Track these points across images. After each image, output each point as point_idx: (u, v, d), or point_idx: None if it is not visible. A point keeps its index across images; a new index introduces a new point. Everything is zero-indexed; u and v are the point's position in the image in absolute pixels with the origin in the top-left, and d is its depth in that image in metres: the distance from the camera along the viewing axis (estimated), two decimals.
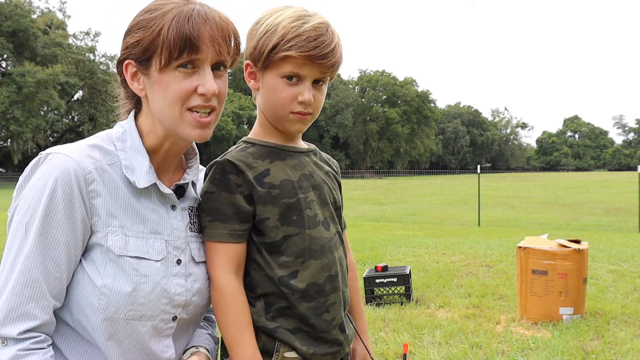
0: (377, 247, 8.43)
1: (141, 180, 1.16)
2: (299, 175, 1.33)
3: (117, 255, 1.11)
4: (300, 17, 1.26)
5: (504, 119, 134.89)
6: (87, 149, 1.14)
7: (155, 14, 1.13)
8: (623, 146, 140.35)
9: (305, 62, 1.25)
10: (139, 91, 1.18)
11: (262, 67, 1.29)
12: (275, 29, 1.25)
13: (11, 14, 48.12)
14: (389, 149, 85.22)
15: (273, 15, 1.29)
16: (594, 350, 3.79)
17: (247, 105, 68.73)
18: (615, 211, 18.27)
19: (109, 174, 1.14)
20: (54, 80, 47.48)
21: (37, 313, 1.05)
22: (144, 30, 1.13)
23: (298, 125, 1.33)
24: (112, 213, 1.13)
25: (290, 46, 1.23)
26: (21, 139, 48.80)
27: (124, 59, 1.17)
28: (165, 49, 1.10)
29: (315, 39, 1.24)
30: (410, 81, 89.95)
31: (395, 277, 5.11)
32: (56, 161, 1.09)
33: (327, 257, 1.32)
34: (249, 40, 1.31)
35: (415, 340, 4.05)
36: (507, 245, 8.35)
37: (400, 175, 58.36)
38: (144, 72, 1.15)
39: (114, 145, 1.19)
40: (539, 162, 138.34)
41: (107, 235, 1.12)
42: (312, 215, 1.32)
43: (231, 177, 1.26)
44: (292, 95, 1.28)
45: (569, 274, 4.32)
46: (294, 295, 1.27)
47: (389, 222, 15.29)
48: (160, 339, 1.19)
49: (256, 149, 1.33)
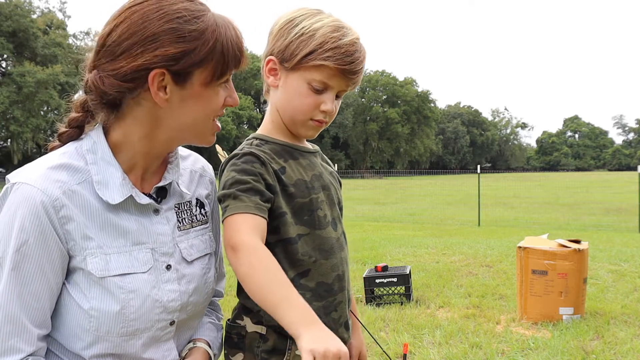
0: (377, 247, 8.43)
1: (115, 195, 1.11)
2: (311, 175, 1.33)
3: (99, 277, 1.08)
4: (340, 29, 1.25)
5: (504, 119, 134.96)
6: (51, 171, 1.08)
7: (196, 25, 1.07)
8: (623, 146, 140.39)
9: (337, 74, 1.25)
10: (162, 102, 1.10)
11: (289, 68, 1.27)
12: (313, 34, 1.24)
13: (11, 14, 48.11)
14: (389, 149, 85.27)
15: (310, 18, 1.27)
16: (594, 350, 3.79)
17: (247, 105, 68.76)
18: (615, 211, 18.27)
19: (79, 194, 1.09)
20: (54, 80, 47.47)
21: (21, 346, 1.03)
22: (191, 43, 1.07)
23: (312, 132, 1.34)
24: (87, 235, 1.08)
25: (328, 56, 1.23)
26: (21, 139, 48.78)
27: (153, 67, 1.06)
28: (221, 63, 1.10)
29: (352, 54, 1.24)
30: (410, 81, 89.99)
31: (395, 277, 5.11)
32: (21, 192, 1.04)
33: (335, 257, 1.33)
34: (277, 37, 1.28)
35: (415, 340, 4.06)
36: (507, 245, 8.36)
37: (400, 175, 58.38)
38: (178, 84, 1.09)
39: (85, 159, 1.12)
40: (539, 162, 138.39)
41: (86, 258, 1.08)
42: (322, 216, 1.32)
43: (255, 165, 1.24)
44: (315, 103, 1.27)
45: (569, 274, 4.32)
46: (305, 294, 1.25)
47: (389, 222, 15.29)
48: (160, 345, 1.17)
49: (271, 147, 1.31)
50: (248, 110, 68.47)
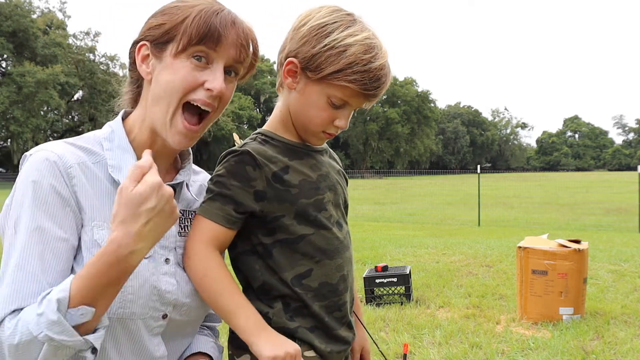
0: (377, 247, 8.43)
1: None
2: (317, 175, 1.32)
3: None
4: (371, 49, 1.21)
5: (504, 119, 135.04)
6: (70, 146, 1.13)
7: (185, 4, 1.14)
8: (623, 146, 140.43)
9: (360, 95, 1.23)
10: (145, 74, 1.16)
11: (311, 77, 1.23)
12: (344, 51, 1.19)
13: (11, 14, 48.12)
14: (389, 149, 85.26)
15: (343, 29, 1.21)
16: (594, 350, 3.79)
17: (247, 105, 68.74)
18: (615, 211, 18.27)
19: (93, 171, 1.12)
20: (54, 80, 47.48)
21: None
22: (169, 15, 1.14)
23: (321, 142, 1.34)
24: (96, 206, 1.10)
25: (355, 79, 1.20)
26: (21, 139, 48.78)
27: (140, 40, 1.17)
28: (186, 34, 1.10)
29: (379, 79, 1.22)
30: (410, 81, 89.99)
31: (395, 277, 5.11)
32: (38, 157, 1.07)
33: (340, 257, 1.32)
34: (304, 41, 1.23)
35: (415, 340, 4.05)
36: (507, 245, 8.35)
37: (400, 175, 58.38)
38: (156, 55, 1.14)
39: (101, 145, 1.17)
40: (539, 162, 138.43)
41: (93, 229, 1.09)
42: (327, 217, 1.31)
43: (247, 168, 1.22)
44: (331, 118, 1.26)
45: (569, 274, 4.32)
46: (307, 294, 1.26)
47: (389, 222, 15.29)
48: (150, 337, 1.16)
49: (275, 145, 1.30)
50: (248, 110, 68.43)
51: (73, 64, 53.97)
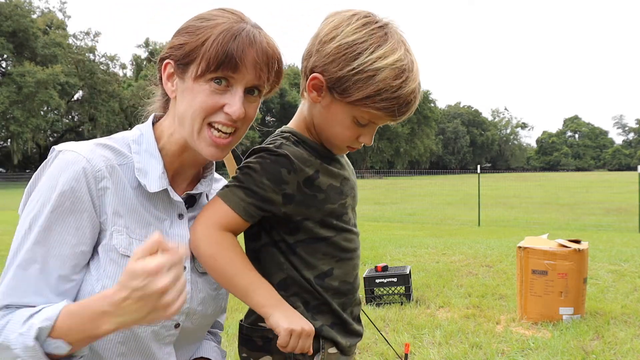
0: (377, 247, 8.43)
1: (153, 184, 1.14)
2: (340, 180, 1.32)
3: (120, 255, 1.09)
4: (402, 72, 1.14)
5: (504, 119, 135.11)
6: (99, 147, 1.13)
7: (207, 23, 1.12)
8: (623, 146, 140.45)
9: (386, 117, 1.20)
10: (170, 92, 1.18)
11: (337, 97, 1.19)
12: (373, 76, 1.13)
13: (11, 14, 48.13)
14: (389, 149, 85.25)
15: (373, 50, 1.14)
16: (594, 350, 3.79)
17: None
18: (615, 211, 18.26)
19: (118, 173, 1.13)
20: (54, 80, 47.50)
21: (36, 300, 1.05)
22: (191, 35, 1.13)
23: (344, 152, 1.34)
24: (119, 212, 1.11)
25: (383, 106, 1.15)
26: (21, 139, 48.81)
27: (165, 57, 1.17)
28: (204, 59, 1.09)
29: (408, 104, 1.18)
30: None
31: (395, 277, 5.11)
32: (66, 158, 1.08)
33: (357, 257, 1.36)
34: (331, 59, 1.17)
35: (415, 340, 4.06)
36: (507, 245, 8.35)
37: (400, 175, 58.32)
38: (180, 76, 1.15)
39: (129, 147, 1.17)
40: (539, 162, 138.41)
41: (113, 234, 1.10)
42: (347, 220, 1.33)
43: (282, 171, 1.20)
44: (356, 135, 1.25)
45: (569, 274, 4.32)
46: (328, 292, 1.28)
47: (389, 222, 15.29)
48: (161, 346, 1.16)
49: (307, 147, 1.28)
50: None
51: (73, 64, 53.98)
